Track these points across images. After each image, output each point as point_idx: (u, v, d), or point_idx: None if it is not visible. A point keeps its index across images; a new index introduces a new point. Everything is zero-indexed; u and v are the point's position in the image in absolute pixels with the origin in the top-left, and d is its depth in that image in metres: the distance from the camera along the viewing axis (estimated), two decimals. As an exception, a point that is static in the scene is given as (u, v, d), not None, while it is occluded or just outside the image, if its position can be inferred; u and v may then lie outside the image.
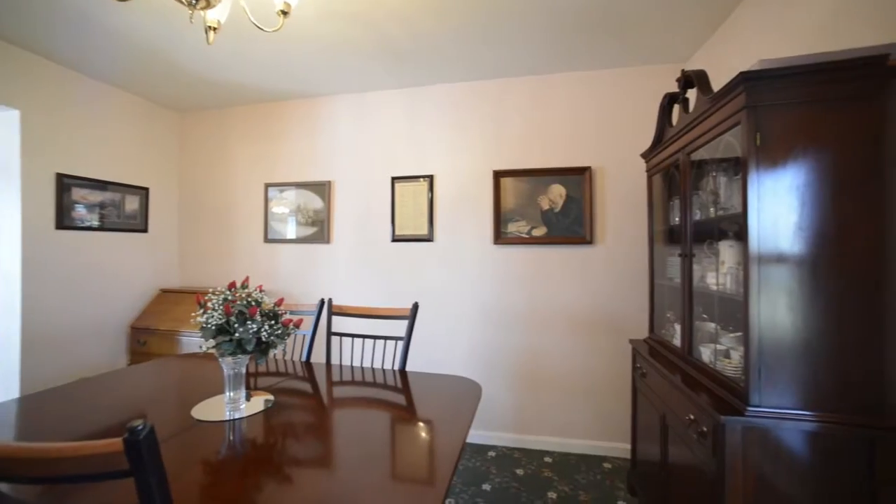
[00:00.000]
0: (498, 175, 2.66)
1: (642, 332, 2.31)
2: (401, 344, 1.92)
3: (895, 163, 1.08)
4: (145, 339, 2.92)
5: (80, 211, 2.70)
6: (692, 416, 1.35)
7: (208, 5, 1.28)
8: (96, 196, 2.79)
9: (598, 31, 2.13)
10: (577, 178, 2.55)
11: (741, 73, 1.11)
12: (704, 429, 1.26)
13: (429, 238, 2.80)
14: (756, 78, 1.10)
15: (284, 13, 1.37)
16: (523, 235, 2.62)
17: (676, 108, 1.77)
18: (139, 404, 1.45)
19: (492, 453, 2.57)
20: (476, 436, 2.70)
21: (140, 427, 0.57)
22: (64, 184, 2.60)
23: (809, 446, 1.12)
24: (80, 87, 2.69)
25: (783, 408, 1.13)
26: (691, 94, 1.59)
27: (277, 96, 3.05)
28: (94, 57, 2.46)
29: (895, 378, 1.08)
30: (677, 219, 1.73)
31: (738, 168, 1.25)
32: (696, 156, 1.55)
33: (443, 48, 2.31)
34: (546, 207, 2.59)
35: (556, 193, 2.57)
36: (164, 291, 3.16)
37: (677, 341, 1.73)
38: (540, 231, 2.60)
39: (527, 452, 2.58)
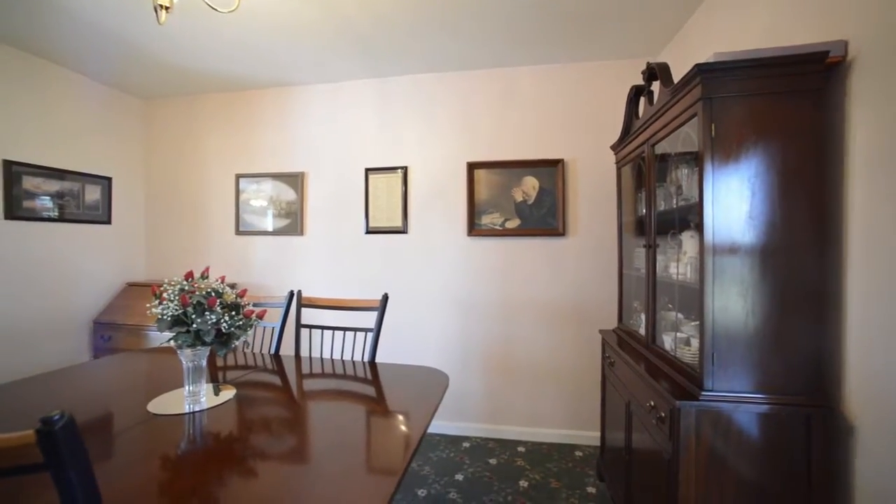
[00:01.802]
0: (472, 167, 2.66)
1: (611, 322, 2.35)
2: (371, 335, 1.91)
3: (834, 153, 1.12)
4: (110, 334, 2.82)
5: (33, 201, 2.58)
6: (653, 403, 1.39)
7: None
8: (52, 185, 2.66)
9: (562, 25, 2.13)
10: (550, 170, 2.56)
11: (697, 65, 1.13)
12: (662, 414, 1.30)
13: (403, 230, 2.78)
14: (711, 70, 1.13)
15: None
16: (497, 227, 2.63)
17: (643, 101, 1.79)
18: (95, 399, 1.40)
19: (466, 444, 2.59)
20: (451, 427, 2.72)
21: (56, 417, 0.54)
22: (13, 171, 2.47)
23: (756, 426, 1.16)
24: (33, 71, 2.55)
25: (734, 391, 1.17)
26: (656, 87, 1.62)
27: (247, 84, 2.97)
28: (49, 39, 2.33)
29: (830, 361, 1.14)
30: (644, 210, 1.76)
31: (697, 160, 1.28)
32: (660, 147, 1.58)
33: (406, 36, 2.28)
34: (520, 199, 2.60)
35: (530, 185, 2.59)
36: (131, 285, 3.05)
37: (643, 330, 1.77)
38: (513, 223, 2.61)
39: (501, 442, 2.61)
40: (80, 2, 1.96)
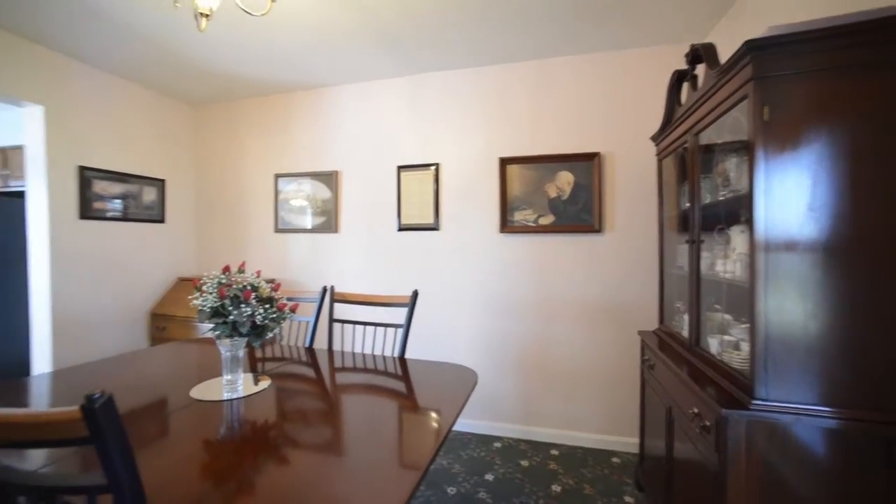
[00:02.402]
0: (504, 162, 2.61)
1: (652, 323, 2.23)
2: (401, 331, 1.92)
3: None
4: (164, 325, 3.03)
5: (101, 202, 2.82)
6: (696, 410, 1.29)
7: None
8: (116, 188, 2.90)
9: (604, 11, 2.04)
10: (586, 164, 2.46)
11: (747, 42, 1.03)
12: (707, 423, 1.20)
13: (435, 227, 2.78)
14: (763, 46, 1.02)
15: None
16: (530, 224, 2.57)
17: (685, 88, 1.68)
18: (148, 383, 1.49)
19: (497, 444, 2.55)
20: (482, 426, 2.69)
21: (97, 396, 0.57)
22: (85, 176, 2.71)
23: (822, 443, 1.04)
24: (99, 83, 2.79)
25: (793, 402, 1.06)
26: (701, 71, 1.50)
27: (285, 88, 3.08)
28: (110, 53, 2.53)
29: (916, 371, 1.00)
30: (687, 204, 1.64)
31: (748, 147, 1.18)
32: (705, 136, 1.47)
33: (441, 33, 2.27)
34: (553, 195, 2.52)
35: (564, 181, 2.50)
36: (182, 280, 3.27)
37: (686, 332, 1.66)
38: (547, 219, 2.54)
39: (533, 444, 2.54)
40: (138, 18, 2.11)
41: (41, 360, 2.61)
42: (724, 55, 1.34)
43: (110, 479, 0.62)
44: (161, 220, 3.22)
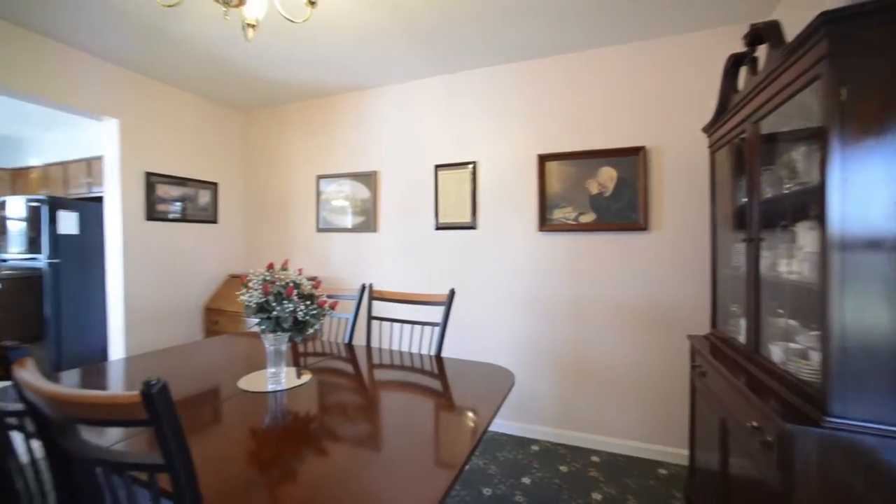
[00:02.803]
0: (542, 159, 2.54)
1: (702, 327, 2.09)
2: (437, 329, 1.92)
3: None
4: (217, 318, 3.23)
5: (164, 205, 3.05)
6: (756, 423, 1.19)
7: (241, 2, 1.35)
8: (176, 191, 3.13)
9: (654, -6, 1.93)
10: (630, 159, 2.35)
11: (822, 14, 0.93)
12: (769, 438, 1.10)
13: (472, 226, 2.77)
14: (840, 19, 0.92)
15: (312, 3, 1.40)
16: (570, 222, 2.49)
17: (743, 73, 1.55)
18: (201, 372, 1.59)
19: (535, 447, 2.50)
20: (519, 428, 2.64)
21: (154, 382, 0.61)
22: (151, 181, 2.94)
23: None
24: (162, 95, 3.02)
25: (880, 422, 0.94)
26: (762, 53, 1.38)
27: (326, 91, 3.18)
28: (172, 67, 2.73)
29: None
30: (745, 199, 1.52)
31: (819, 134, 1.06)
32: (766, 124, 1.35)
33: (477, 30, 2.24)
34: (595, 192, 2.43)
35: (606, 177, 2.40)
36: (232, 276, 3.47)
37: (743, 338, 1.53)
38: (588, 217, 2.44)
39: (572, 449, 2.46)
40: (195, 33, 2.26)
41: (117, 347, 2.87)
42: (789, 35, 1.22)
43: (166, 459, 0.66)
44: (214, 221, 3.43)
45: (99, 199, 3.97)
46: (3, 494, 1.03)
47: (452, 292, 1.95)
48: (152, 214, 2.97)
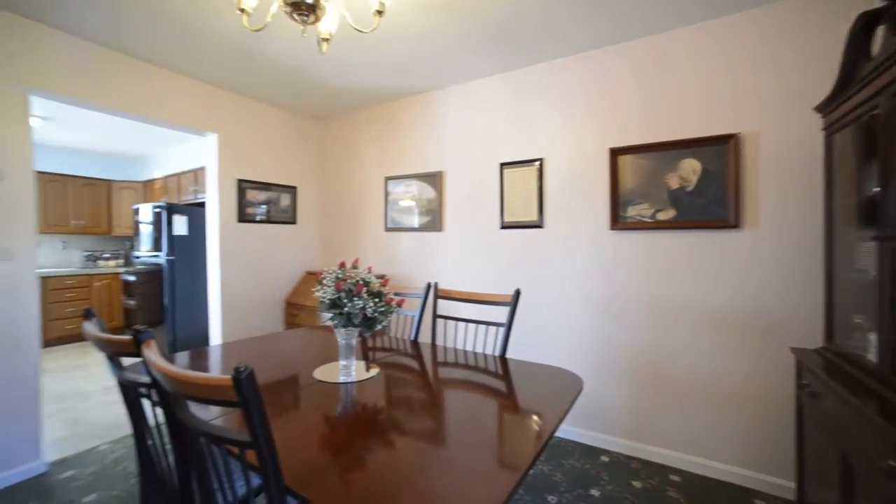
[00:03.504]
0: (615, 153, 2.38)
1: (810, 339, 1.81)
2: (502, 330, 1.90)
3: None
4: (296, 312, 3.52)
5: (252, 208, 3.40)
6: (894, 463, 0.99)
7: (317, 19, 1.45)
8: (261, 195, 3.47)
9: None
10: (718, 148, 2.10)
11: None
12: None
13: (538, 225, 2.69)
14: None
15: (380, 13, 1.46)
16: (646, 220, 2.30)
17: (880, 33, 1.29)
18: (282, 361, 1.75)
19: (604, 458, 2.36)
20: (588, 436, 2.52)
21: (242, 368, 0.68)
22: (241, 187, 3.30)
23: None
24: (251, 109, 3.37)
25: None
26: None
27: (395, 95, 3.30)
28: (259, 84, 3.03)
29: None
30: (877, 188, 1.27)
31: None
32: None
33: (541, 23, 2.17)
34: (675, 186, 2.22)
35: (689, 169, 2.18)
36: (309, 273, 3.76)
37: (873, 356, 1.29)
38: (667, 214, 2.24)
39: (646, 464, 2.29)
40: (279, 51, 2.48)
41: (215, 333, 3.27)
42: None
43: (252, 438, 0.73)
44: (293, 222, 3.75)
45: (202, 205, 4.56)
46: (140, 447, 1.24)
47: (518, 292, 1.92)
48: (243, 217, 3.32)
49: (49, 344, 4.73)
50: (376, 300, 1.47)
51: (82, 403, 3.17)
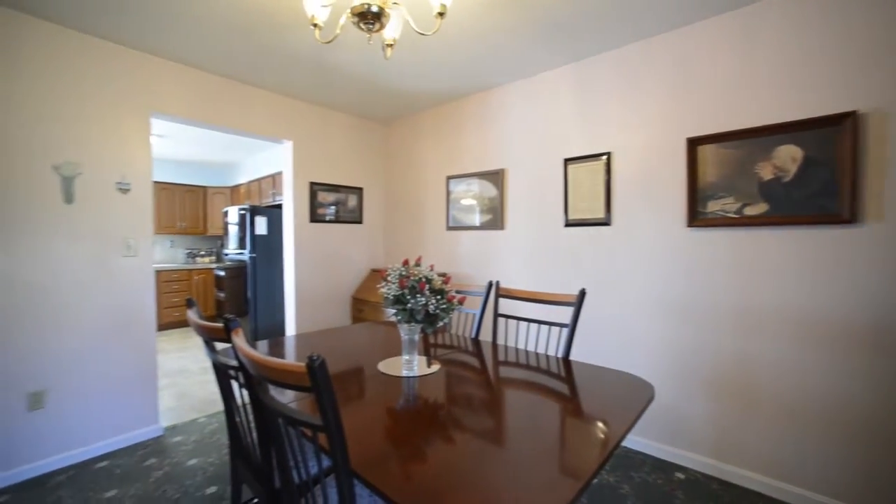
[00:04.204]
0: (693, 143, 2.18)
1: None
2: (566, 331, 1.83)
3: None
4: (362, 307, 3.70)
5: (322, 209, 3.64)
6: None
7: (381, 27, 1.50)
8: (331, 196, 3.70)
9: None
10: (825, 131, 1.82)
11: None
12: None
13: (605, 222, 2.55)
14: None
15: (441, 14, 1.47)
16: (731, 215, 2.08)
17: None
18: (349, 352, 1.85)
19: (679, 475, 2.17)
20: (660, 449, 2.34)
21: (315, 357, 0.73)
22: (313, 189, 3.55)
23: None
24: (320, 116, 3.60)
25: None
26: None
27: (454, 95, 3.33)
28: (327, 92, 3.23)
29: None
30: None
31: None
32: None
33: (606, 9, 2.04)
34: (768, 177, 1.97)
35: (786, 157, 1.92)
36: (374, 270, 3.93)
37: None
38: (757, 209, 2.00)
39: (728, 487, 2.06)
40: (344, 59, 2.62)
41: (290, 325, 3.56)
42: None
43: (324, 421, 0.79)
44: (360, 222, 3.94)
45: (280, 206, 4.98)
46: (230, 423, 1.40)
47: (583, 292, 1.84)
48: (314, 217, 3.57)
49: (160, 329, 5.49)
50: (438, 297, 1.50)
51: (186, 380, 3.64)
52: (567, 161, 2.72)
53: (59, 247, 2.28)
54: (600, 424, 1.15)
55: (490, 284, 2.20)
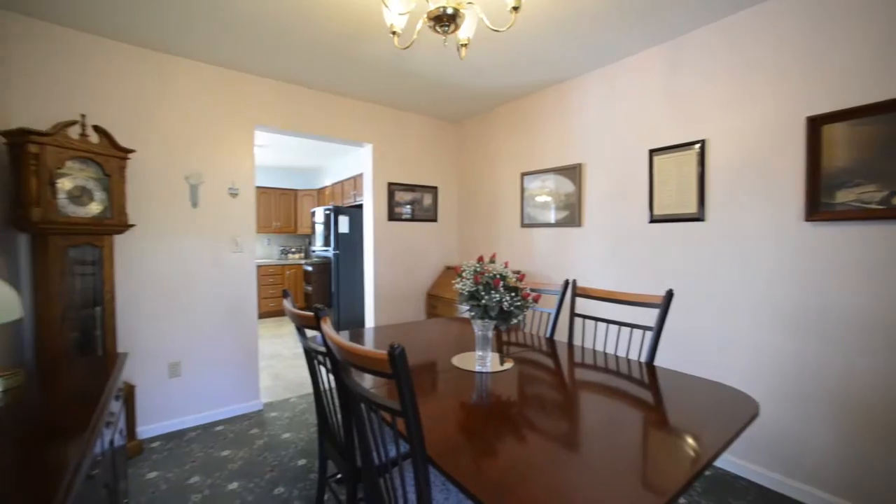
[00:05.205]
0: (815, 122, 1.86)
1: None
2: (650, 334, 1.70)
3: None
4: (435, 303, 3.80)
5: (400, 208, 3.81)
6: None
7: (456, 27, 1.52)
8: (407, 196, 3.85)
9: None
10: None
11: None
12: None
13: (698, 217, 2.30)
14: None
15: (516, 9, 1.44)
16: (871, 206, 1.73)
17: None
18: (424, 346, 1.92)
19: (793, 508, 1.89)
20: (767, 477, 2.05)
21: (396, 346, 0.77)
22: (391, 189, 3.72)
23: None
24: (397, 119, 3.76)
25: None
26: None
27: (528, 90, 3.25)
28: (404, 95, 3.37)
29: None
30: None
31: None
32: None
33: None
34: (924, 160, 1.61)
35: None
36: (448, 268, 4.01)
37: None
38: (908, 198, 1.65)
39: (863, 529, 1.74)
40: (420, 62, 2.71)
41: (369, 318, 3.79)
42: None
43: (402, 407, 0.83)
44: (434, 220, 4.05)
45: (360, 206, 5.31)
46: (317, 404, 1.54)
47: (671, 293, 1.68)
48: (392, 216, 3.74)
49: (259, 317, 6.20)
50: (513, 294, 1.48)
51: (279, 364, 4.07)
52: (653, 152, 2.51)
53: (188, 244, 2.71)
54: (689, 439, 1.05)
55: (566, 283, 2.12)
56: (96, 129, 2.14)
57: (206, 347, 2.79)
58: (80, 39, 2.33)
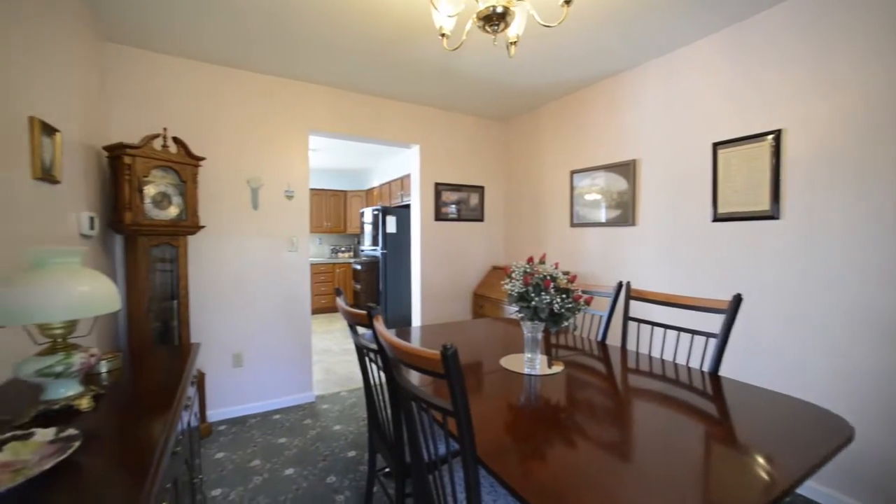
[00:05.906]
0: (919, 107, 1.63)
1: None
2: (713, 342, 1.58)
3: None
4: (482, 303, 3.79)
5: (446, 208, 3.84)
6: None
7: (506, 26, 1.50)
8: (454, 196, 3.87)
9: None
10: None
11: None
12: None
13: (771, 215, 2.11)
14: None
15: (567, 3, 1.40)
16: None
17: None
18: (472, 346, 1.92)
19: (886, 542, 1.67)
20: (853, 504, 1.83)
21: (449, 346, 0.78)
22: (437, 189, 3.76)
23: None
24: (443, 120, 3.78)
25: None
26: None
27: (577, 85, 3.14)
28: (451, 96, 3.38)
29: None
30: None
31: None
32: None
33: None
34: None
35: None
36: (495, 268, 3.98)
37: None
38: None
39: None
40: (468, 62, 2.71)
41: (416, 316, 3.86)
42: None
43: (454, 407, 0.83)
44: (481, 220, 4.03)
45: (408, 206, 5.41)
46: (368, 399, 1.59)
47: (738, 298, 1.56)
48: (438, 216, 3.78)
49: (311, 314, 6.52)
50: (563, 296, 1.45)
51: (330, 358, 4.25)
52: (716, 145, 2.33)
53: (249, 244, 2.92)
54: (761, 460, 0.96)
55: (620, 285, 2.03)
56: (175, 140, 2.36)
57: (264, 340, 2.99)
58: (160, 60, 2.59)
